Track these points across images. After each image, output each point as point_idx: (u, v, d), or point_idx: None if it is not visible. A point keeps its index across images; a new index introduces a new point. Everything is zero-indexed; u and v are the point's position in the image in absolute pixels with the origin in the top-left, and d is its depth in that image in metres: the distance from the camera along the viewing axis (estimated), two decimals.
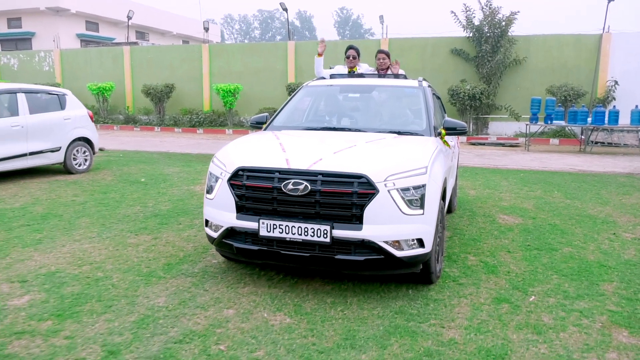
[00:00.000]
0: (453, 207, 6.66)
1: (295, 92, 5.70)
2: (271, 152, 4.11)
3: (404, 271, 3.82)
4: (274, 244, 3.72)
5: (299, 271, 4.37)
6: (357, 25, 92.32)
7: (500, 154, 14.16)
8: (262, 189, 3.73)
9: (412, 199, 3.63)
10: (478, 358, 3.04)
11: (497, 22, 17.19)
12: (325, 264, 3.70)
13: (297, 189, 3.60)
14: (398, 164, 3.77)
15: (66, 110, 9.54)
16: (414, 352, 3.09)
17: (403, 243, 3.61)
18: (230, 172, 3.86)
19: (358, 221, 3.56)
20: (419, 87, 5.34)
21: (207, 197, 4.09)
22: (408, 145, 4.34)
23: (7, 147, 8.41)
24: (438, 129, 4.86)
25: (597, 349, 3.17)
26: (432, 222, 3.74)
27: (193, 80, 21.12)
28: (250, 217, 3.76)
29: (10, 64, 24.26)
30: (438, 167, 4.06)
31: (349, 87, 5.78)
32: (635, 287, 4.20)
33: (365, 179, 3.56)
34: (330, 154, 3.88)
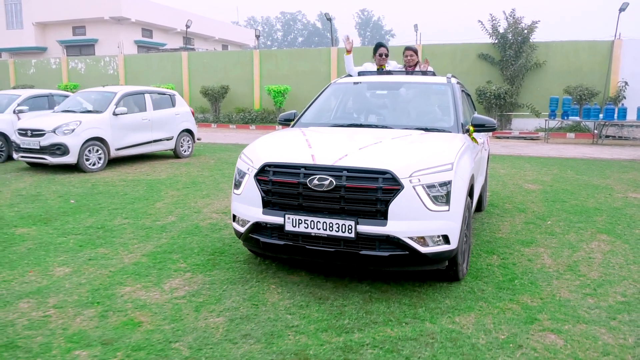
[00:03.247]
0: (483, 206, 6.66)
1: (323, 90, 5.70)
2: (297, 148, 4.10)
3: (429, 268, 3.81)
4: (300, 239, 3.72)
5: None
6: (378, 26, 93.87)
7: (522, 145, 16.36)
8: (287, 184, 3.74)
9: (437, 195, 3.61)
10: (517, 242, 5.37)
11: (520, 30, 19.38)
12: (350, 259, 3.69)
13: (322, 184, 3.59)
14: (423, 160, 3.74)
15: (176, 107, 12.06)
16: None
17: (428, 239, 3.60)
18: (257, 167, 3.89)
19: (383, 217, 3.55)
20: (447, 83, 5.30)
21: (235, 192, 4.14)
22: (434, 141, 4.30)
23: (140, 135, 10.92)
24: (466, 125, 4.80)
25: (587, 241, 5.48)
26: (458, 218, 3.72)
27: (245, 82, 23.63)
28: (276, 212, 3.78)
29: (77, 68, 27.05)
30: (465, 163, 4.01)
31: (377, 84, 5.72)
32: (616, 218, 6.49)
33: (390, 174, 3.55)
34: (356, 150, 3.88)
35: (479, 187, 5.53)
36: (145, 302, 3.73)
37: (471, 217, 4.53)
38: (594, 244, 5.37)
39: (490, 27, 19.97)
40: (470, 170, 4.13)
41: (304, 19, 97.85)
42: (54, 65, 27.55)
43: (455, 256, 3.84)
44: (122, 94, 10.60)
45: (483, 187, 6.32)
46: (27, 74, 27.96)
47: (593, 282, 4.28)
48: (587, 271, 4.53)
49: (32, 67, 28.11)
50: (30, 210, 6.58)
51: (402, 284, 4.08)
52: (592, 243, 5.41)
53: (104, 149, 10.04)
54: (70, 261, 4.62)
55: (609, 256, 4.97)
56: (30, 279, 4.17)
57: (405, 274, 4.22)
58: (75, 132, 9.54)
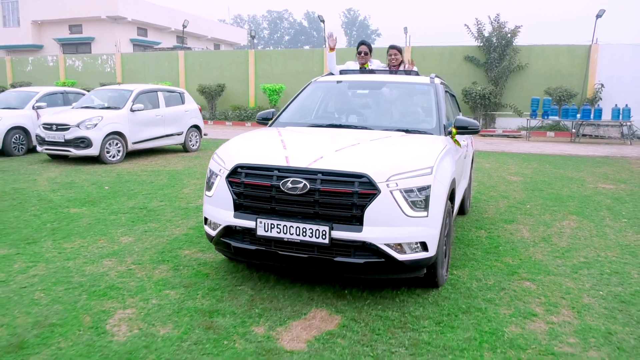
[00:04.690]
0: (466, 209, 6.58)
1: (303, 88, 5.56)
2: (271, 149, 3.97)
3: (407, 275, 3.71)
4: (272, 245, 3.60)
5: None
6: (364, 26, 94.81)
7: (506, 142, 17.46)
8: (260, 187, 3.62)
9: (415, 201, 3.49)
10: (501, 220, 6.35)
11: (504, 34, 20.48)
12: (324, 266, 3.57)
13: (296, 187, 3.48)
14: (402, 163, 3.62)
15: (185, 104, 12.91)
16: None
17: (405, 246, 3.48)
18: (229, 169, 3.76)
19: (358, 222, 3.44)
20: (430, 84, 5.17)
21: (206, 194, 4.01)
22: (414, 144, 4.17)
23: (154, 130, 11.75)
24: (449, 127, 4.69)
25: (559, 220, 6.48)
26: (437, 225, 3.60)
27: (240, 81, 24.45)
28: (248, 215, 3.66)
29: (75, 66, 27.61)
30: (445, 167, 3.92)
31: (358, 84, 5.56)
32: (586, 203, 7.52)
33: (367, 178, 3.43)
34: (332, 152, 3.75)
35: (462, 191, 5.45)
36: (205, 260, 4.64)
37: (452, 222, 4.45)
38: (565, 222, 6.38)
39: (476, 30, 21.05)
40: (451, 174, 4.02)
41: (291, 17, 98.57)
42: (51, 63, 28.07)
43: (434, 263, 3.74)
44: (138, 92, 11.42)
45: (466, 190, 6.25)
46: (24, 71, 28.44)
47: (562, 249, 5.27)
48: (557, 241, 5.53)
49: (29, 64, 28.60)
50: (73, 195, 7.42)
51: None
52: (563, 222, 6.41)
53: (123, 143, 10.86)
54: (130, 232, 5.50)
55: (577, 231, 5.98)
56: (103, 245, 5.05)
57: (384, 280, 4.08)
58: (98, 126, 10.34)
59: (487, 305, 3.78)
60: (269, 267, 4.35)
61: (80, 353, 2.98)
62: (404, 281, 4.11)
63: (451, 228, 4.33)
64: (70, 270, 4.34)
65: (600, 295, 4.03)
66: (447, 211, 3.92)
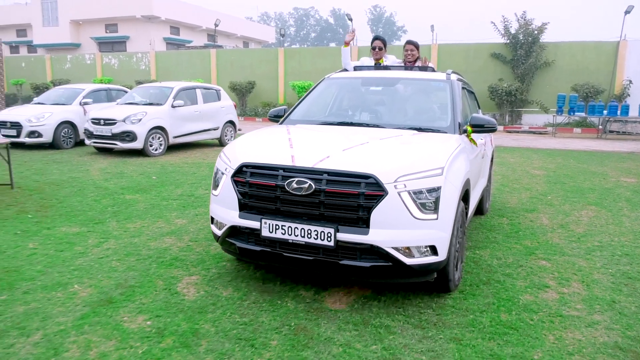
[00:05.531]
0: (485, 209, 6.43)
1: (316, 84, 5.44)
2: (278, 147, 3.89)
3: (416, 280, 3.62)
4: (277, 246, 3.54)
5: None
6: (390, 23, 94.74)
7: (531, 138, 17.70)
8: (265, 187, 3.56)
9: (425, 202, 3.37)
10: (522, 209, 6.79)
11: (530, 31, 20.67)
12: (330, 269, 3.49)
13: (301, 187, 3.40)
14: (411, 163, 3.50)
15: (221, 101, 13.57)
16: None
17: (414, 250, 3.37)
18: (234, 168, 3.71)
19: (364, 225, 3.33)
20: (446, 80, 5.00)
21: (213, 193, 3.96)
22: (426, 143, 4.03)
23: (193, 125, 12.43)
24: (464, 125, 4.52)
25: (578, 210, 6.88)
26: (447, 228, 3.47)
27: (270, 78, 25.11)
28: (253, 216, 3.60)
29: (111, 64, 28.66)
30: (458, 167, 3.77)
31: (371, 80, 5.41)
32: (606, 195, 7.88)
33: (374, 179, 3.32)
34: (339, 152, 3.65)
35: (479, 191, 5.32)
36: None
37: (466, 224, 4.33)
38: (584, 212, 6.78)
39: (503, 28, 21.27)
40: (464, 174, 3.87)
41: (317, 14, 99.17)
42: (89, 61, 29.19)
43: (445, 268, 3.61)
44: (178, 89, 12.11)
45: (485, 190, 6.09)
46: (63, 68, 29.64)
47: (578, 234, 5.70)
48: (575, 228, 5.96)
49: (68, 62, 29.79)
50: (124, 184, 8.10)
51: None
52: (582, 211, 6.81)
53: (164, 137, 11.57)
54: (183, 216, 6.13)
55: (594, 219, 6.38)
56: (161, 226, 5.68)
57: (392, 285, 3.96)
58: (142, 121, 11.06)
59: (505, 278, 4.27)
60: (277, 266, 4.27)
61: (160, 307, 3.58)
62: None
63: (465, 230, 4.16)
64: (137, 245, 4.98)
65: (609, 273, 4.47)
66: (461, 213, 3.80)
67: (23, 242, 5.02)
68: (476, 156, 4.79)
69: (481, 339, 3.22)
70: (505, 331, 3.33)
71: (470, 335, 3.27)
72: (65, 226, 5.60)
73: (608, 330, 3.39)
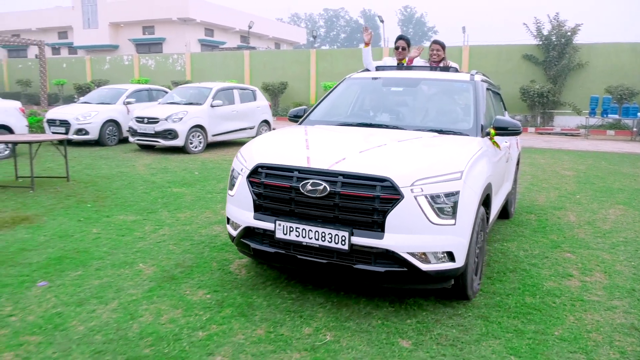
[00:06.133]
0: (510, 213, 6.32)
1: (337, 85, 5.42)
2: (294, 148, 3.87)
3: (432, 286, 3.54)
4: (291, 248, 3.51)
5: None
6: (421, 23, 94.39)
7: (563, 140, 17.71)
8: (280, 188, 3.53)
9: (442, 207, 3.30)
10: (551, 207, 7.03)
11: (564, 32, 20.62)
12: (343, 273, 3.43)
13: (315, 190, 3.37)
14: (429, 166, 3.44)
15: (257, 101, 14.08)
16: None
17: (430, 255, 3.31)
18: (250, 168, 3.69)
19: (379, 229, 3.28)
20: (469, 81, 4.90)
21: (229, 193, 3.96)
22: (445, 146, 3.97)
23: (230, 124, 12.96)
24: (487, 128, 4.44)
25: (606, 209, 7.08)
26: (466, 233, 3.40)
27: (302, 79, 25.61)
28: (268, 217, 3.58)
29: (148, 64, 29.61)
30: (478, 172, 3.69)
31: (393, 80, 5.31)
32: (635, 195, 8.04)
33: (390, 182, 3.27)
34: (355, 153, 3.61)
35: (503, 195, 5.24)
36: None
37: (487, 229, 4.24)
38: (611, 210, 6.98)
39: (535, 29, 21.27)
40: (485, 178, 3.79)
41: (347, 15, 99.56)
42: (127, 62, 30.21)
43: (463, 274, 3.53)
44: (217, 89, 12.66)
45: (510, 194, 6.00)
46: (102, 69, 30.72)
47: (604, 230, 5.94)
48: (601, 225, 6.19)
49: (107, 63, 30.87)
50: (170, 178, 8.63)
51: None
52: (609, 210, 7.02)
53: (204, 135, 12.12)
54: None
55: (621, 217, 6.59)
56: (209, 216, 6.14)
57: (408, 290, 3.86)
58: (183, 120, 11.62)
59: (530, 267, 4.58)
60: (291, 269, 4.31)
61: (216, 283, 4.03)
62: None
63: (485, 235, 4.05)
64: (189, 232, 5.45)
65: (631, 265, 4.74)
66: (481, 218, 3.72)
67: (87, 227, 5.55)
68: (499, 160, 4.69)
69: (506, 317, 3.56)
70: (529, 311, 3.66)
71: (497, 314, 3.60)
72: (122, 215, 6.12)
73: (626, 314, 3.68)
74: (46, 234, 5.26)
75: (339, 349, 3.10)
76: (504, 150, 5.01)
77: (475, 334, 3.32)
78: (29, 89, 30.69)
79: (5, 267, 4.32)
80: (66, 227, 5.52)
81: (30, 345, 3.08)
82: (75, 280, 4.06)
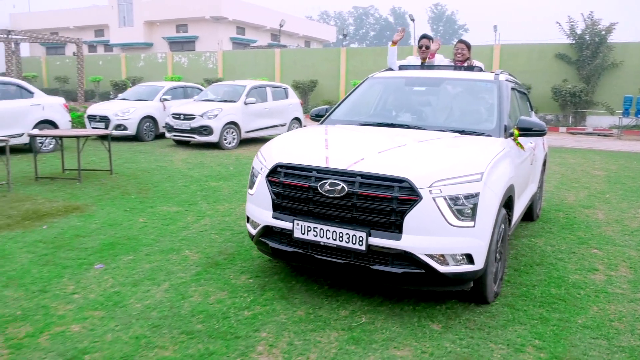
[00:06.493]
0: (535, 215, 6.22)
1: (359, 84, 5.41)
2: (313, 148, 3.87)
3: (450, 289, 3.55)
4: (309, 248, 3.53)
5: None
6: (451, 21, 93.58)
7: (595, 140, 17.55)
8: (298, 188, 3.55)
9: (461, 209, 3.28)
10: (579, 205, 7.13)
11: (598, 31, 20.37)
12: (361, 273, 3.44)
13: (333, 190, 3.38)
14: (448, 168, 3.42)
15: (289, 99, 14.39)
16: None
17: (448, 257, 3.30)
18: (269, 167, 3.72)
19: (397, 230, 3.28)
20: (494, 80, 4.83)
21: (249, 192, 4.00)
22: (466, 146, 3.95)
23: (263, 121, 13.31)
24: (511, 128, 4.36)
25: (635, 208, 7.14)
26: (485, 236, 3.38)
27: (332, 77, 25.88)
28: (286, 216, 3.61)
29: (181, 62, 30.28)
30: (500, 173, 3.65)
31: (415, 80, 5.25)
32: None
33: (408, 183, 3.26)
34: (374, 154, 3.62)
35: (527, 197, 5.19)
36: None
37: (510, 232, 4.22)
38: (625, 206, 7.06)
39: (568, 28, 21.06)
40: (507, 180, 3.74)
41: (376, 13, 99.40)
42: (160, 60, 30.94)
43: (482, 277, 3.51)
44: (250, 87, 13.02)
45: (536, 196, 5.90)
46: (137, 66, 31.52)
47: (632, 229, 6.04)
48: (629, 223, 6.28)
49: (141, 60, 31.67)
50: (206, 172, 8.99)
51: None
52: (639, 209, 7.09)
53: (237, 131, 12.50)
54: None
55: None
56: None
57: (427, 292, 3.82)
58: (218, 117, 12.01)
59: (557, 261, 4.75)
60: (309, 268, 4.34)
61: (258, 270, 4.32)
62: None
63: (506, 237, 3.99)
64: (229, 222, 5.77)
65: None
66: (502, 221, 3.69)
67: (134, 217, 5.92)
68: (523, 161, 4.62)
69: (532, 306, 3.76)
70: (554, 301, 3.85)
71: (523, 303, 3.81)
72: (165, 206, 6.48)
73: None
74: (97, 222, 5.65)
75: (373, 329, 3.35)
76: (529, 151, 4.94)
77: (502, 319, 3.53)
78: (66, 86, 31.67)
79: (64, 250, 4.71)
80: (114, 216, 5.91)
81: (94, 319, 3.42)
82: (128, 264, 4.41)
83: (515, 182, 4.09)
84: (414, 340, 3.22)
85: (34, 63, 34.43)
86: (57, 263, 4.39)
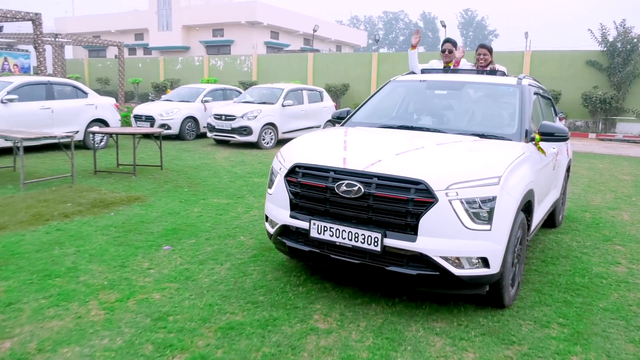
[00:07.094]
0: (557, 222, 6.17)
1: (381, 87, 5.43)
2: (331, 149, 3.94)
3: (465, 292, 3.54)
4: (325, 247, 3.59)
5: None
6: (481, 26, 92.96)
7: (625, 146, 17.60)
8: (315, 188, 3.62)
9: (478, 212, 3.29)
10: (606, 207, 7.44)
11: (630, 39, 20.37)
12: (375, 274, 3.49)
13: (350, 190, 3.42)
14: (465, 171, 3.43)
15: (323, 102, 14.95)
16: None
17: (464, 260, 3.31)
18: (288, 167, 3.79)
19: (413, 231, 3.31)
20: (516, 85, 4.84)
21: (268, 192, 4.07)
22: (485, 150, 3.95)
23: (299, 122, 13.89)
24: (532, 133, 4.33)
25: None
26: (502, 239, 3.38)
27: (363, 81, 26.35)
28: (303, 216, 3.67)
29: (217, 65, 31.15)
30: (519, 177, 3.65)
31: (437, 83, 5.29)
32: None
33: (424, 185, 3.28)
34: (392, 156, 3.66)
35: (549, 203, 5.15)
36: None
37: (528, 237, 4.25)
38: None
39: (600, 35, 21.11)
40: (526, 185, 3.73)
41: (406, 18, 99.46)
42: (197, 63, 31.87)
43: (498, 281, 3.51)
44: (288, 90, 13.60)
45: (558, 202, 5.85)
46: (174, 69, 32.52)
47: None
48: None
49: (179, 63, 32.66)
50: (248, 170, 9.57)
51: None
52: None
53: (275, 132, 13.08)
54: None
55: None
56: None
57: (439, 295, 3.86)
58: (257, 118, 12.62)
59: (582, 255, 5.14)
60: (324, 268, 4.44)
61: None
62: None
63: (524, 242, 4.00)
64: None
65: None
66: (520, 225, 3.69)
67: (189, 207, 6.50)
68: (544, 166, 4.58)
69: (557, 291, 4.17)
70: (577, 288, 4.25)
71: (549, 289, 4.22)
72: (215, 198, 7.05)
73: None
74: (157, 211, 6.24)
75: (414, 306, 3.81)
76: (551, 157, 4.90)
77: (529, 301, 3.95)
78: (107, 87, 32.87)
79: (134, 234, 5.30)
80: (172, 206, 6.49)
81: (171, 289, 3.97)
82: (192, 246, 4.97)
83: (535, 187, 4.08)
84: (451, 315, 3.68)
85: (77, 65, 35.86)
86: (130, 244, 4.97)
